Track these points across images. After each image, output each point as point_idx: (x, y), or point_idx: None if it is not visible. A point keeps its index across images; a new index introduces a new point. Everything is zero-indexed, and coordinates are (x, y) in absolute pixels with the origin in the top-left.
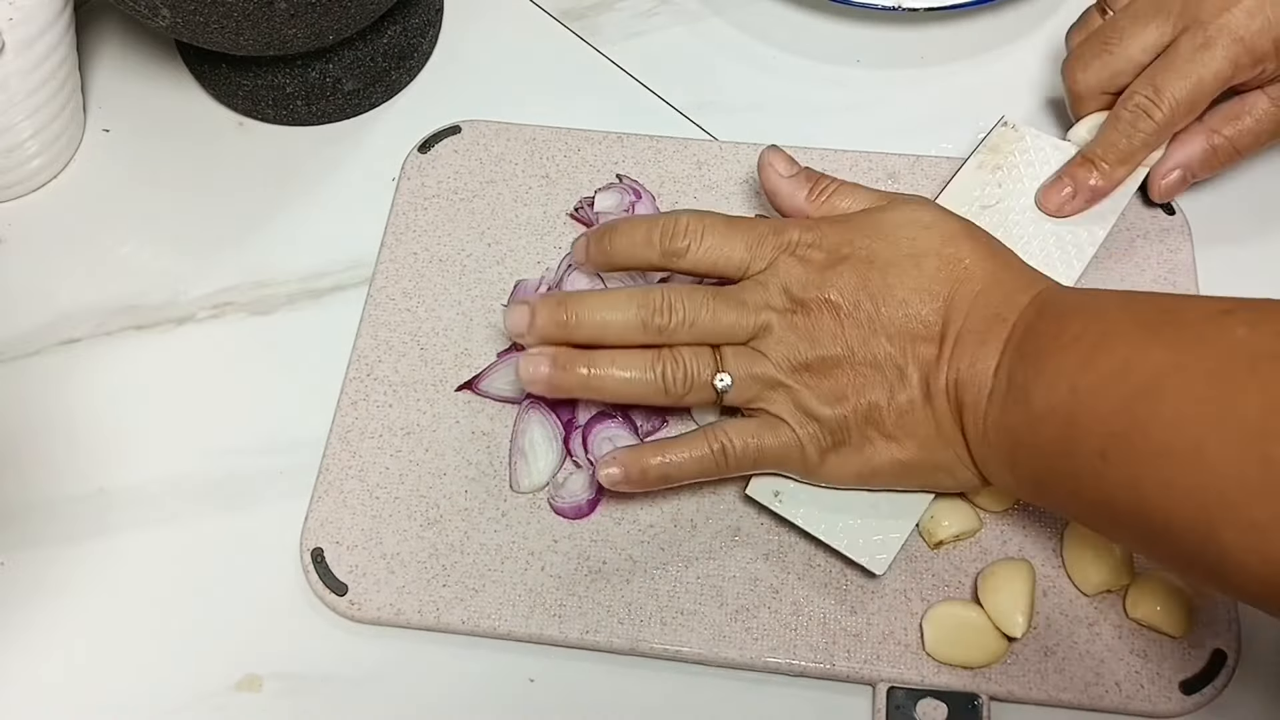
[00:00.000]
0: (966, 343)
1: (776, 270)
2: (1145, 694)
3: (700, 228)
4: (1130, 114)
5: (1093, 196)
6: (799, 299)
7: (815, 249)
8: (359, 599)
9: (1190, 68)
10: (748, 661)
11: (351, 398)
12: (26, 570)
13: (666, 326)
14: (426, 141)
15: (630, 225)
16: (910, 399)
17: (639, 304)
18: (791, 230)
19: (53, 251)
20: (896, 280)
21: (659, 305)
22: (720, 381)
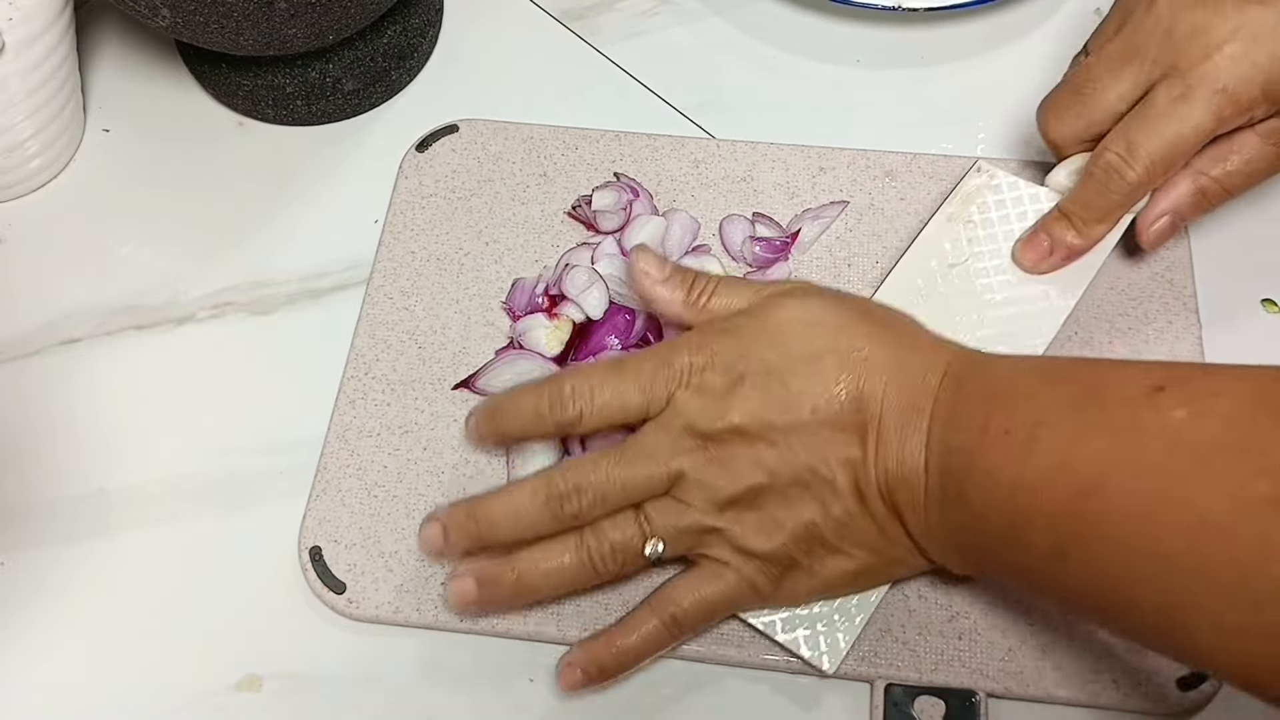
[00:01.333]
0: (888, 440)
1: (675, 408)
2: (1142, 691)
3: (588, 388)
4: (1103, 172)
5: (1071, 254)
6: (705, 433)
7: (710, 372)
8: (357, 597)
9: (1166, 124)
10: (746, 659)
11: (349, 396)
12: (26, 570)
13: (579, 511)
14: (424, 140)
15: (516, 399)
16: (845, 509)
17: (546, 495)
18: (680, 356)
19: (53, 251)
20: (799, 388)
21: (564, 492)
22: (651, 549)
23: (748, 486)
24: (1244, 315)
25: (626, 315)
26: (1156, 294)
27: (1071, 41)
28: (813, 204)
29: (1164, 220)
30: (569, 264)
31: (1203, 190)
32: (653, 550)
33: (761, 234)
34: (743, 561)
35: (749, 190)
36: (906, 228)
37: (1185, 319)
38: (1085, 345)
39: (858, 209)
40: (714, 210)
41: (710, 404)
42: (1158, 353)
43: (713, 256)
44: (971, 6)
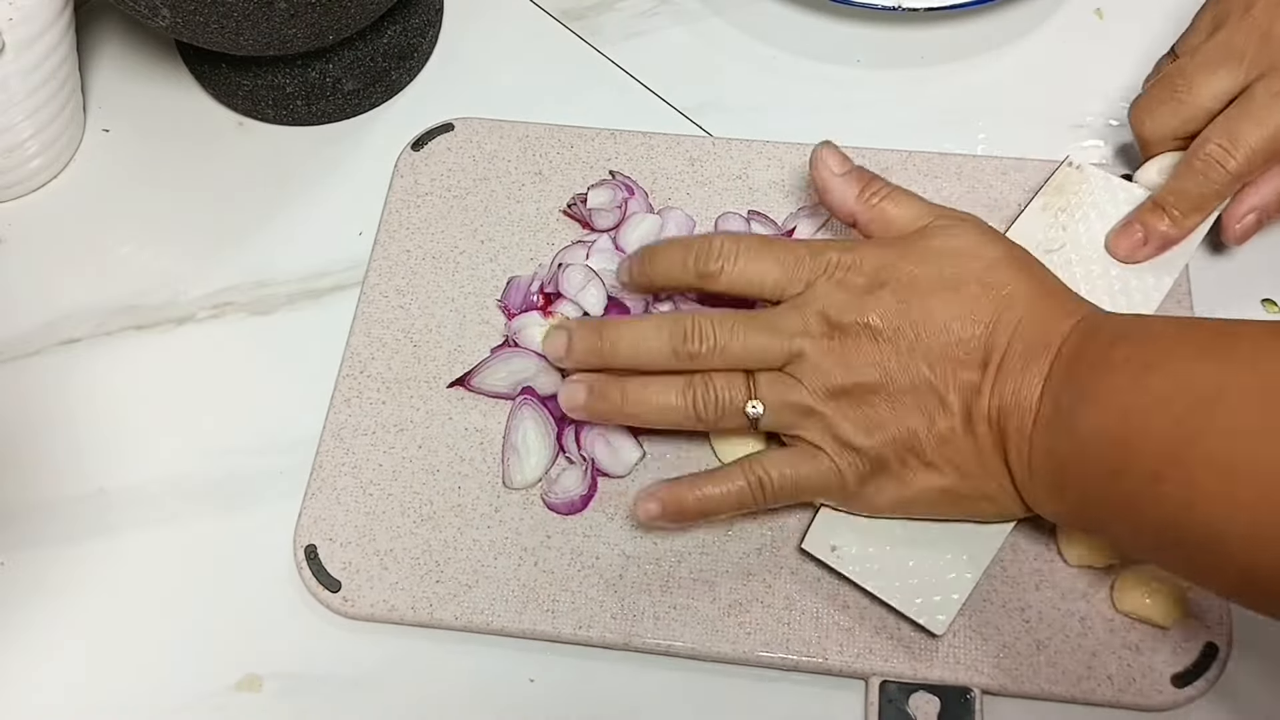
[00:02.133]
0: (1010, 370)
1: (814, 294)
2: (1137, 687)
3: (735, 250)
4: (1203, 163)
5: (1164, 244)
6: (836, 323)
7: (854, 272)
8: (352, 596)
9: (1267, 115)
10: (740, 656)
11: (345, 395)
12: (26, 570)
13: (698, 353)
14: (419, 139)
15: (668, 247)
16: (951, 427)
17: (670, 331)
18: (830, 252)
19: (53, 251)
20: (937, 306)
21: (690, 332)
22: (753, 409)
23: (861, 382)
24: (1244, 315)
25: (621, 312)
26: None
27: (1071, 42)
28: (808, 202)
29: (1251, 217)
30: (563, 263)
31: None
32: (754, 411)
33: (756, 231)
34: (837, 450)
35: (744, 188)
36: None
37: (1180, 314)
38: None
39: None
40: (709, 208)
41: (849, 298)
42: None
43: None
44: (971, 6)
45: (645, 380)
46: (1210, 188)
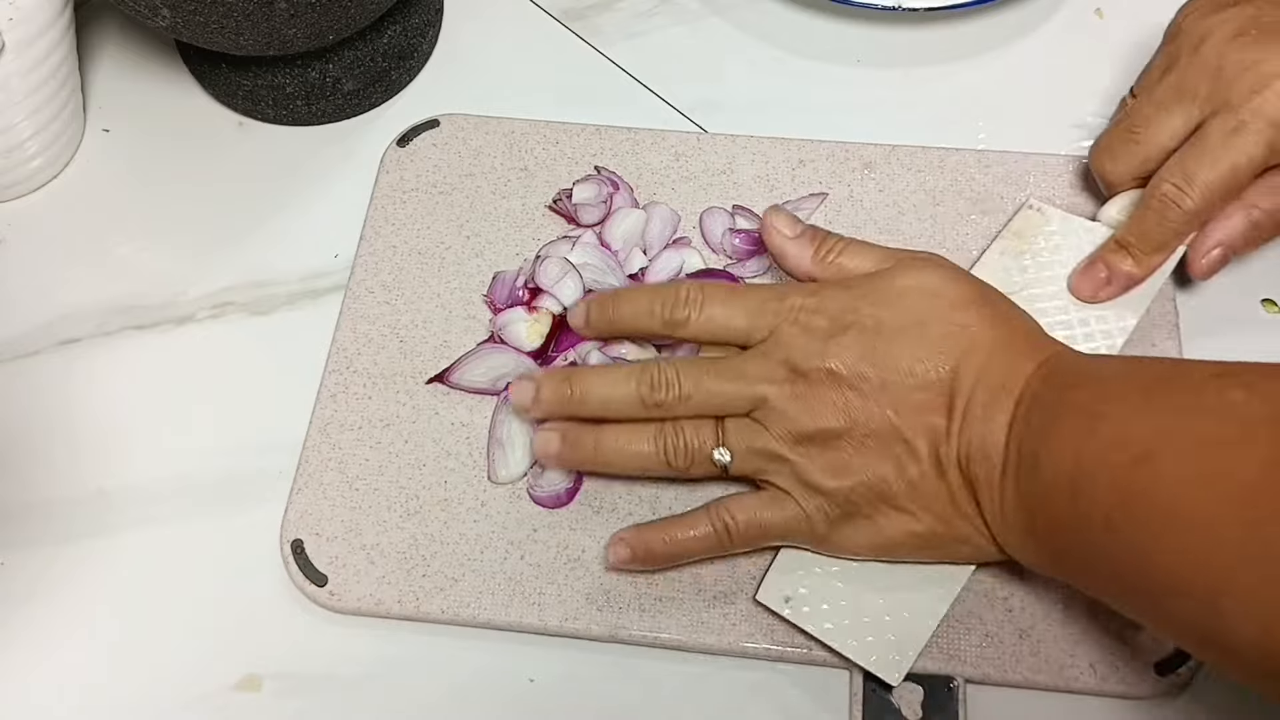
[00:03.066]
0: (974, 415)
1: (779, 339)
2: (1120, 675)
3: (700, 297)
4: (1160, 203)
5: (1128, 283)
6: (800, 369)
7: (818, 315)
8: (339, 589)
9: (1222, 154)
10: (725, 647)
11: (331, 391)
12: (26, 570)
13: (665, 401)
14: (405, 135)
15: (634, 294)
16: (921, 472)
17: (638, 380)
18: (793, 296)
19: (53, 251)
20: (901, 349)
21: (656, 381)
22: (720, 456)
23: (825, 427)
24: (1244, 315)
25: None
26: None
27: (1071, 42)
28: (792, 196)
29: (1216, 252)
30: (540, 255)
31: (1255, 223)
32: (721, 458)
33: (741, 226)
34: (805, 495)
35: (729, 183)
36: (885, 219)
37: (1162, 306)
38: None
39: (837, 201)
40: (694, 203)
41: (811, 342)
42: (1136, 342)
43: (693, 249)
44: (971, 6)
45: (617, 429)
46: (1169, 227)
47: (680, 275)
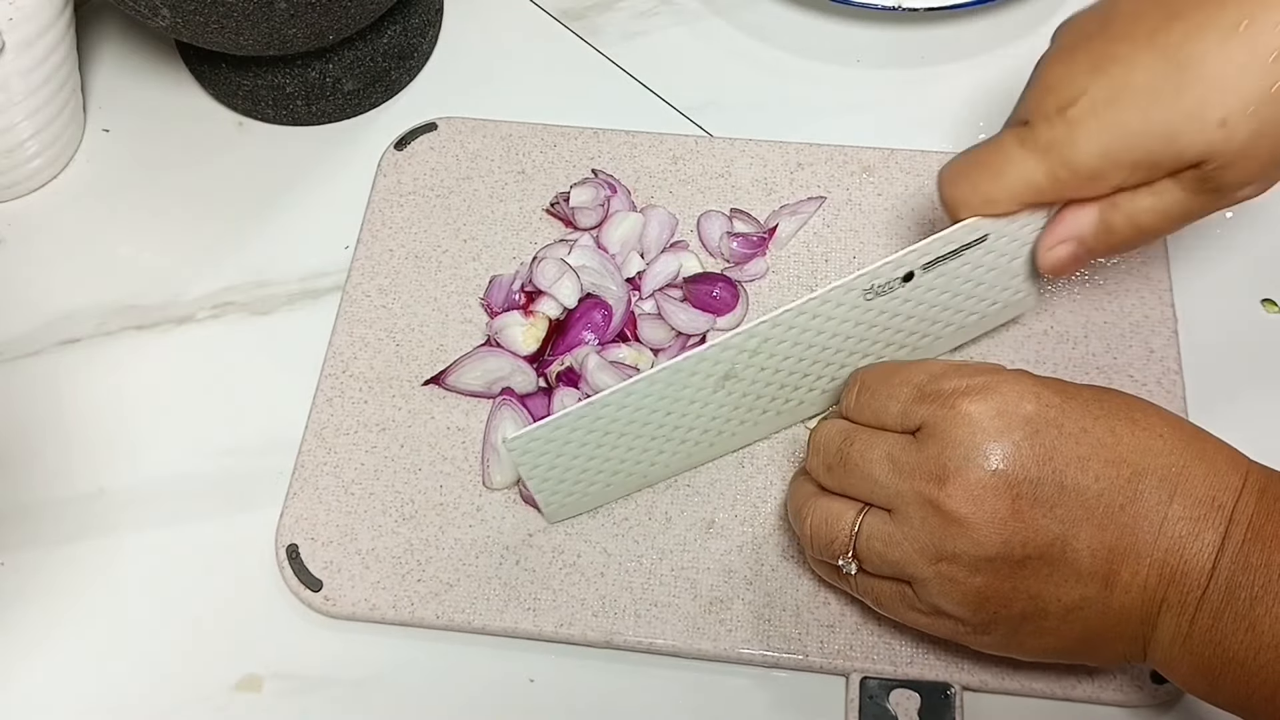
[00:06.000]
0: (1174, 530)
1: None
2: (1117, 684)
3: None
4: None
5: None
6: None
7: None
8: (334, 595)
9: (1006, 169)
10: (721, 653)
11: (327, 394)
12: (26, 570)
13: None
14: (402, 138)
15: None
16: (1082, 595)
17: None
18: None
19: (53, 251)
20: (1076, 453)
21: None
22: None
23: (974, 553)
24: (1244, 315)
25: (603, 310)
26: (1132, 288)
27: None
28: (790, 200)
29: (1064, 247)
30: (538, 256)
31: (1110, 224)
32: (845, 565)
33: (739, 230)
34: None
35: (727, 186)
36: (884, 223)
37: (1161, 312)
38: (1061, 341)
39: (835, 204)
40: (692, 206)
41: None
42: (1134, 347)
43: (690, 252)
44: (971, 6)
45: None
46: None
47: (678, 279)
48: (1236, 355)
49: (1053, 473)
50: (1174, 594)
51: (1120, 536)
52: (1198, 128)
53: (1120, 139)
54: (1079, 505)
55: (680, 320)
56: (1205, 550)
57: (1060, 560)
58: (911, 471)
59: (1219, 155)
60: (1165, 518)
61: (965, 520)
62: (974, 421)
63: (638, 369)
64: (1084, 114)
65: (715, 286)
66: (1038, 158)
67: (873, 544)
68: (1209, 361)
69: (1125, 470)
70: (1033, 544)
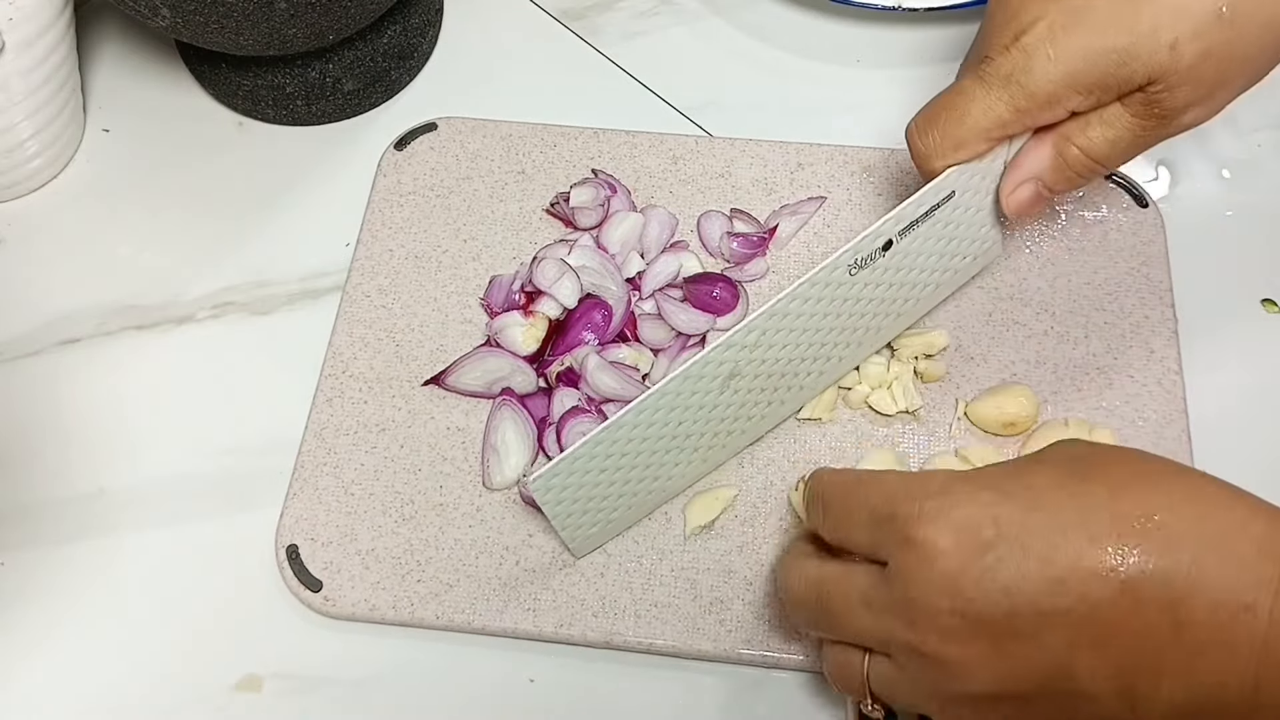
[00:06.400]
0: (1195, 639)
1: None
2: None
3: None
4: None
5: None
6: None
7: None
8: (334, 595)
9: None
10: (721, 654)
11: (327, 395)
12: (26, 570)
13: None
14: (402, 139)
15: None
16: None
17: None
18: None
19: (53, 251)
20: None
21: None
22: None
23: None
24: (1244, 315)
25: (603, 310)
26: (1133, 288)
27: None
28: (790, 200)
29: (1025, 188)
30: (538, 256)
31: (1064, 157)
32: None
33: (739, 230)
34: None
35: (727, 186)
36: None
37: (1161, 313)
38: (1061, 341)
39: (835, 204)
40: (692, 206)
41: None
42: (1134, 347)
43: (690, 252)
44: (971, 6)
45: None
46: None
47: (678, 279)
48: (1237, 355)
49: (1026, 603)
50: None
51: (1124, 654)
52: (1150, 49)
53: (1077, 61)
54: (1066, 627)
55: (680, 320)
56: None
57: (1064, 689)
58: (888, 615)
59: (1167, 76)
60: (1178, 623)
61: (951, 663)
62: (931, 559)
63: (637, 369)
64: (1040, 39)
65: (715, 286)
66: (998, 90)
67: (884, 689)
68: (1209, 362)
69: (1113, 581)
70: (1028, 679)
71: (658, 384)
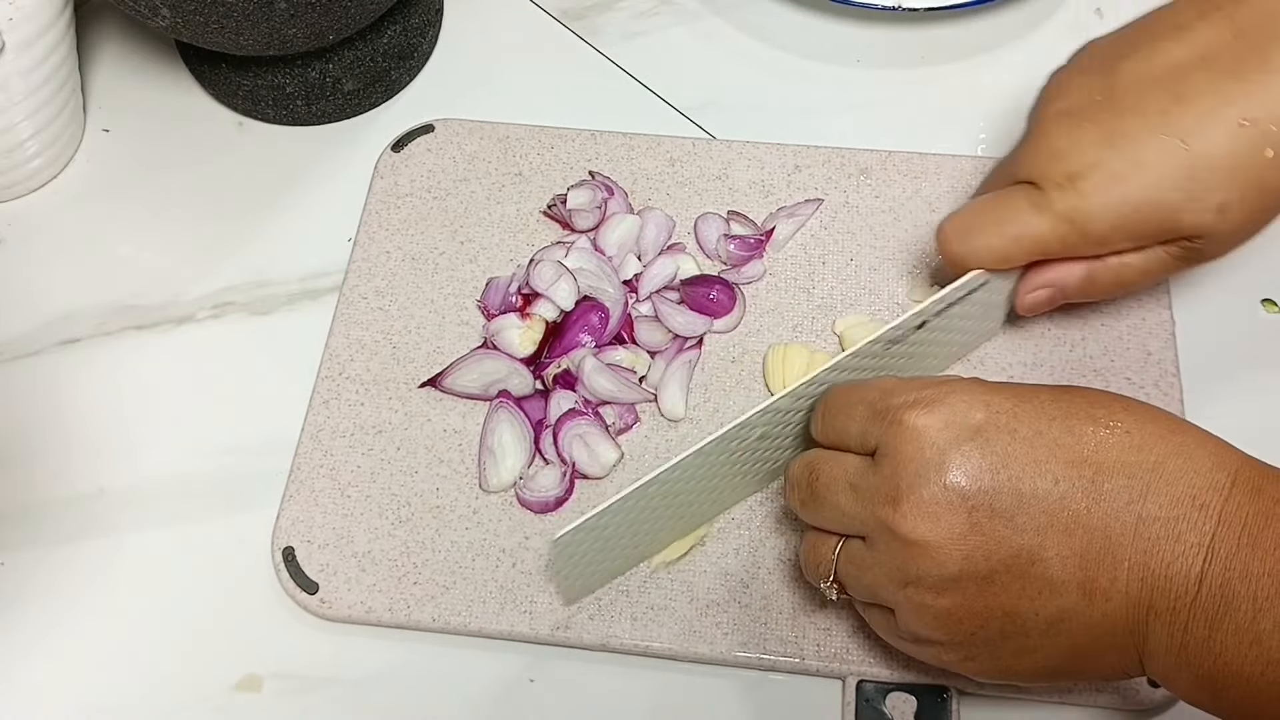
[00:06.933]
0: (1149, 531)
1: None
2: (1113, 686)
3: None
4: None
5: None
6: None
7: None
8: (330, 597)
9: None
10: (717, 656)
11: (323, 397)
12: (26, 570)
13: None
14: (399, 140)
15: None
16: (1060, 608)
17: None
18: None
19: (53, 251)
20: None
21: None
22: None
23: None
24: (1244, 315)
25: (600, 313)
26: None
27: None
28: (787, 202)
29: (1042, 291)
30: (534, 259)
31: (1094, 278)
32: (826, 591)
33: (736, 232)
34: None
35: (724, 188)
36: (880, 225)
37: (1158, 315)
38: (1058, 343)
39: (832, 207)
40: (689, 209)
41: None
42: (1131, 350)
43: (687, 255)
44: (971, 6)
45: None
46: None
47: (674, 281)
48: (1237, 356)
49: (1008, 480)
50: (1160, 601)
51: (1089, 541)
52: (1199, 208)
53: (1131, 212)
54: (1040, 512)
55: (677, 323)
56: (1189, 553)
57: (1029, 572)
58: (870, 496)
59: (1212, 234)
60: (1139, 518)
61: (923, 541)
62: (922, 435)
63: (634, 371)
64: (1098, 187)
65: (712, 289)
66: (1051, 222)
67: (849, 570)
68: (1209, 363)
69: (1087, 470)
70: (996, 557)
71: (697, 445)
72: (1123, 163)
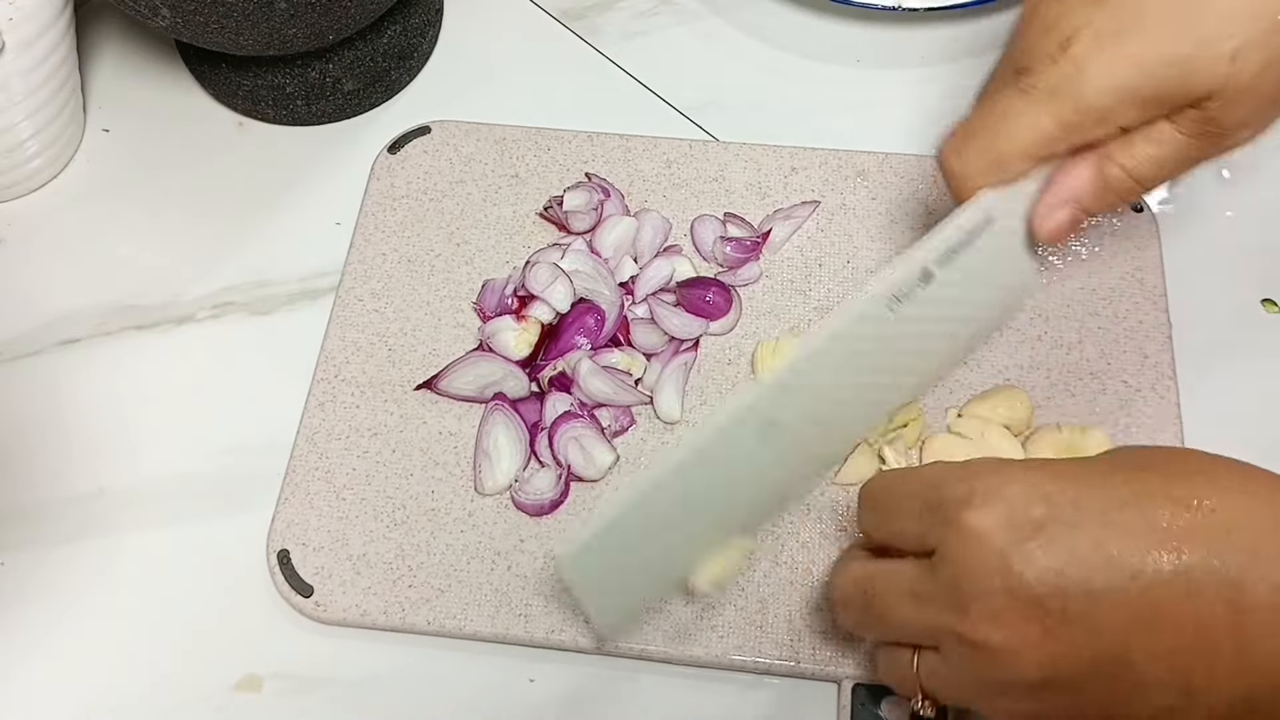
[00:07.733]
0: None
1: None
2: None
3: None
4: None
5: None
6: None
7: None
8: (325, 600)
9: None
10: (713, 659)
11: (319, 399)
12: (26, 570)
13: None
14: (396, 142)
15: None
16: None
17: None
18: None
19: (53, 251)
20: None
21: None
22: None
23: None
24: (1244, 315)
25: (596, 315)
26: (1127, 293)
27: None
28: (784, 204)
29: (1061, 211)
30: (530, 261)
31: (1106, 178)
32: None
33: (732, 234)
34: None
35: (721, 190)
36: (877, 227)
37: (1155, 318)
38: (1055, 346)
39: (829, 209)
40: (686, 210)
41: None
42: (1128, 353)
43: (684, 257)
44: (971, 6)
45: None
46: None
47: (670, 283)
48: (1237, 355)
49: (1078, 580)
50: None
51: (1179, 639)
52: (1210, 59)
53: (1132, 72)
54: (1119, 611)
55: (673, 325)
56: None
57: (1119, 676)
58: (935, 604)
59: (1226, 90)
60: (1236, 609)
61: (999, 649)
62: (982, 539)
63: (630, 374)
64: (1089, 48)
65: (708, 291)
66: (1044, 104)
67: (934, 685)
68: (1209, 363)
69: (1168, 560)
70: (1079, 664)
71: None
72: (1115, 19)
